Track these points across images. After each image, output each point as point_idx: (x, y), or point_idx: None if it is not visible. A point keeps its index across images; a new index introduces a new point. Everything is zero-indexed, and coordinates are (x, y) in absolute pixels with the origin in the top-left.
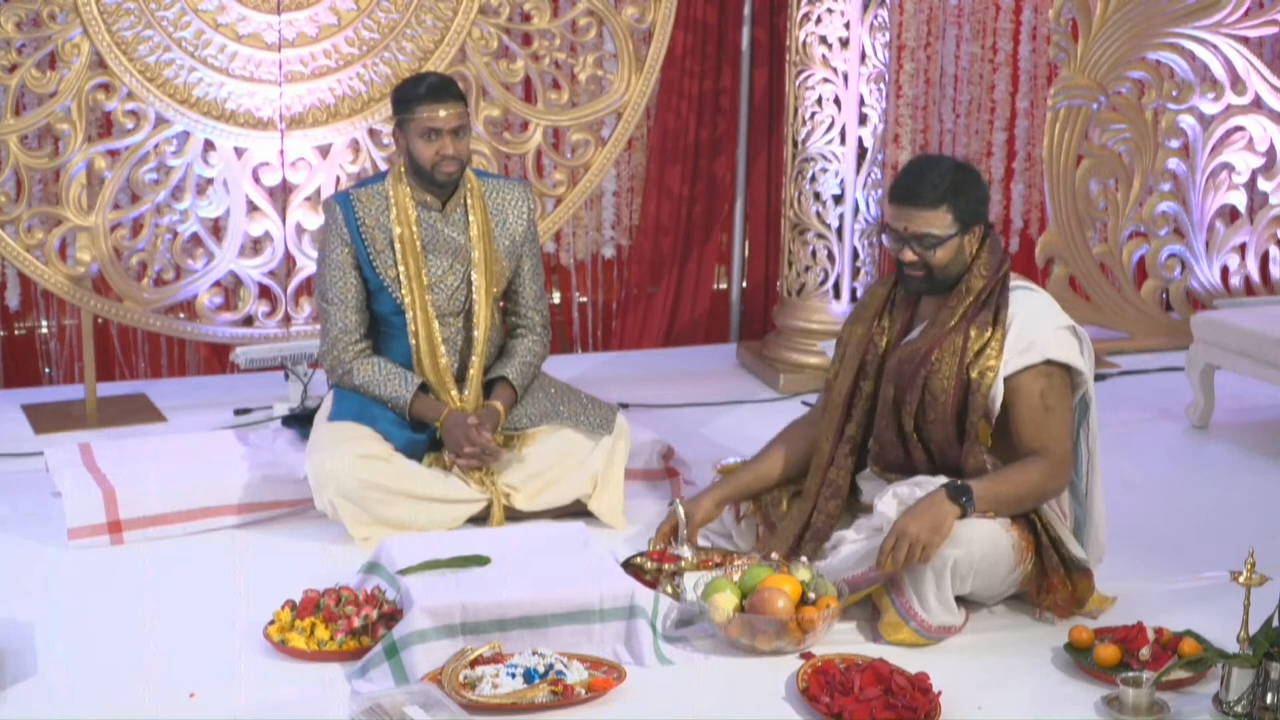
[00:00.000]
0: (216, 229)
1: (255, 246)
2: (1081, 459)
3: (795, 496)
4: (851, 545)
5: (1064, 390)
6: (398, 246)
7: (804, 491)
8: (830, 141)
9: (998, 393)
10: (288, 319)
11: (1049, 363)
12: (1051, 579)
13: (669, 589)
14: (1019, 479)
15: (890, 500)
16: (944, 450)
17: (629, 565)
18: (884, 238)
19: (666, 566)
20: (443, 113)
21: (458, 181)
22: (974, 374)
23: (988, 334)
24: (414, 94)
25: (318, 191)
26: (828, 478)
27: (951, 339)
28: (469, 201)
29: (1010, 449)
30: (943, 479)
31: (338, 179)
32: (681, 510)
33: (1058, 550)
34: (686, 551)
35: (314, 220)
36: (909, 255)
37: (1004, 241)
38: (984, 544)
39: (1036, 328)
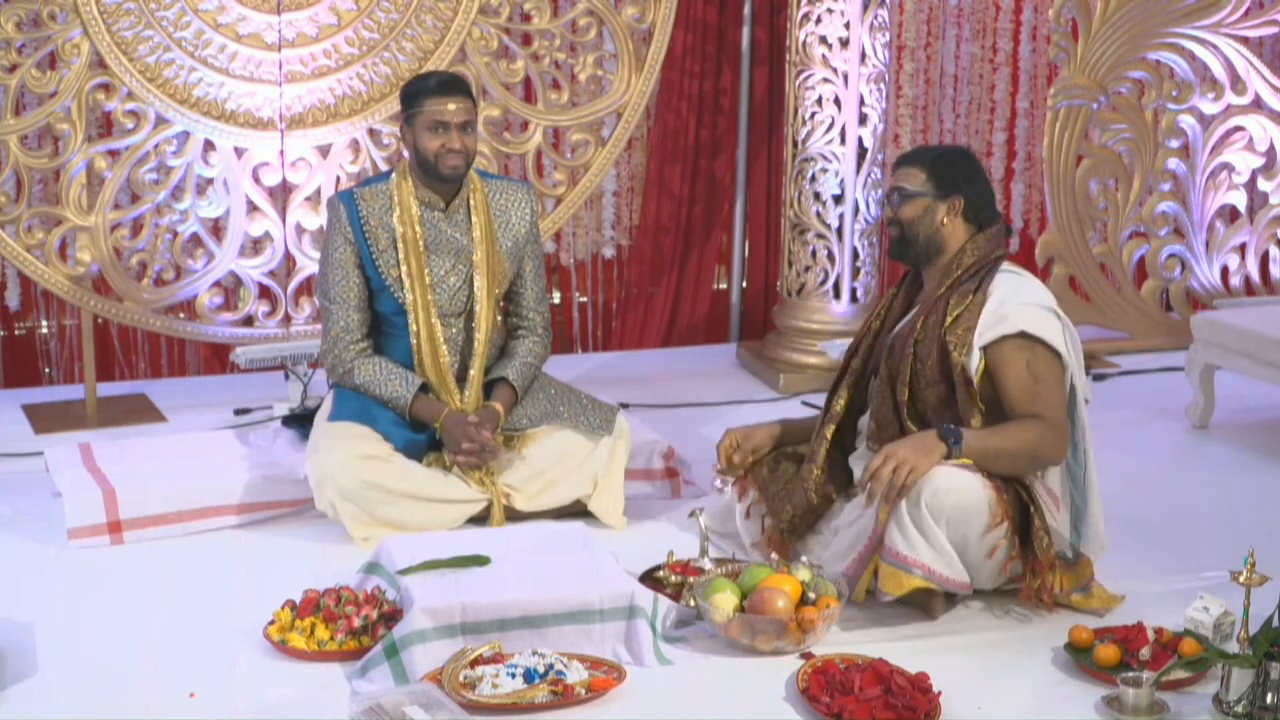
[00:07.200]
0: (216, 229)
1: (255, 246)
2: (1078, 445)
3: (794, 466)
4: (846, 529)
5: (1050, 364)
6: (400, 246)
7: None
8: (830, 141)
9: (973, 360)
10: (288, 319)
11: (1025, 335)
12: (1039, 562)
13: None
14: (1014, 434)
15: None
16: (940, 415)
17: (650, 578)
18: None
19: (690, 580)
20: (451, 106)
21: (462, 181)
22: (950, 339)
23: (967, 301)
24: (423, 87)
25: (318, 191)
26: (812, 450)
27: (937, 306)
28: (472, 202)
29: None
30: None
31: (338, 179)
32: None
33: (1049, 536)
34: (707, 564)
35: (314, 220)
36: (887, 211)
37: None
38: (956, 493)
39: (1014, 301)
